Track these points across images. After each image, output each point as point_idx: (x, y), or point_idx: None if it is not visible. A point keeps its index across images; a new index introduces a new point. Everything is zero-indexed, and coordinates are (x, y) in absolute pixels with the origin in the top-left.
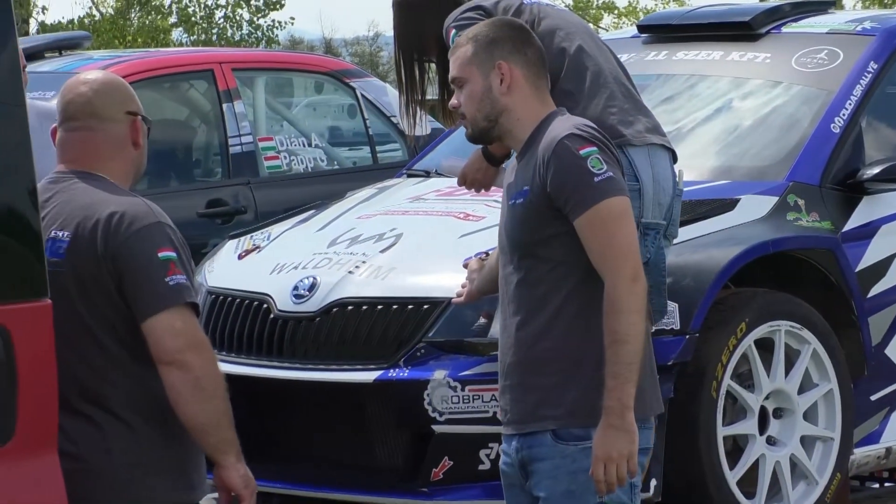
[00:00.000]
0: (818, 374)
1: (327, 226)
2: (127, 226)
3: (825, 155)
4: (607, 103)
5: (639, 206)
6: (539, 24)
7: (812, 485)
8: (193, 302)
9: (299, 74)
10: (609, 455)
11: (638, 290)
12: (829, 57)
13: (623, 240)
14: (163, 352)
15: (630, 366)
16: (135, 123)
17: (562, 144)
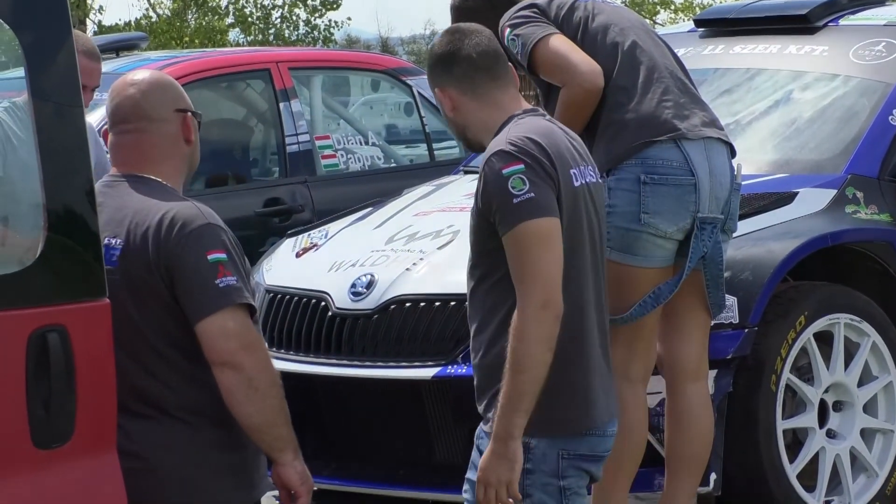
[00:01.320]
0: (878, 367)
1: (384, 223)
2: (178, 230)
3: (883, 147)
4: (662, 97)
5: (695, 200)
6: (593, 21)
7: (872, 477)
8: (246, 303)
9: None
10: (488, 480)
11: (545, 319)
12: (886, 49)
13: (535, 265)
14: (216, 353)
15: (523, 396)
16: (185, 121)
17: (489, 162)
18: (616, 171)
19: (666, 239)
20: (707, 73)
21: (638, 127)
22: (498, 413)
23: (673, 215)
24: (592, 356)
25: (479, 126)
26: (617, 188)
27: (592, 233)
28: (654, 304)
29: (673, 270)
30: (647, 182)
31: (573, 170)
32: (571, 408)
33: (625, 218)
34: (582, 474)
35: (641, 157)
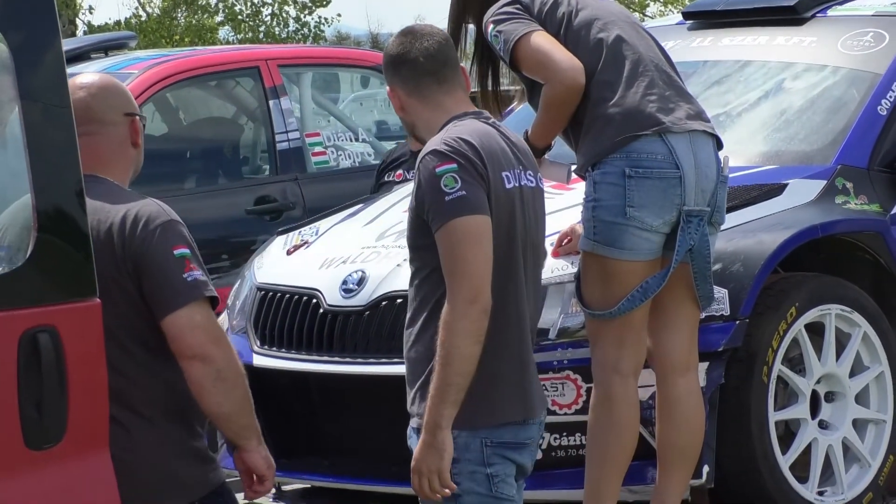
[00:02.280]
0: (869, 357)
1: (375, 220)
2: (142, 227)
3: (873, 137)
4: (646, 91)
5: (680, 193)
6: (576, 16)
7: (865, 468)
8: (211, 296)
9: (345, 69)
10: (420, 469)
11: (473, 314)
12: (875, 39)
13: (465, 261)
14: (185, 346)
15: (450, 387)
16: (134, 124)
17: (423, 161)
18: (601, 165)
19: (652, 232)
20: (696, 65)
21: (622, 121)
22: (428, 404)
23: (658, 208)
24: (516, 351)
25: (424, 124)
26: (602, 182)
27: (527, 234)
28: (643, 299)
29: (661, 264)
30: (632, 176)
31: (506, 172)
32: (489, 400)
33: (610, 212)
34: (507, 462)
35: (626, 151)
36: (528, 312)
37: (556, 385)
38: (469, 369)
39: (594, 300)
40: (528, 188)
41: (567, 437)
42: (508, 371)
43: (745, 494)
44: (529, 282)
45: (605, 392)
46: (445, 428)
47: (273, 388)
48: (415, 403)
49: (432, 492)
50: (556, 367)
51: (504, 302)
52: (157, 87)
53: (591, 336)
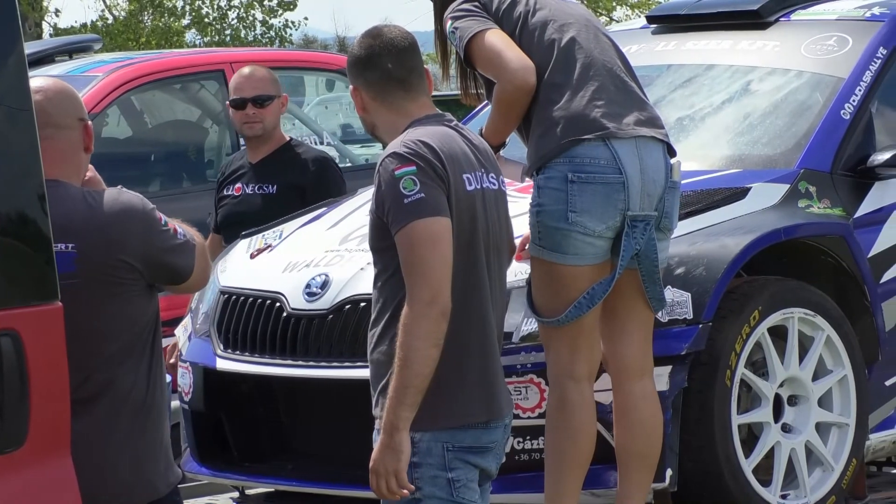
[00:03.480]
0: (832, 361)
1: (339, 223)
2: (129, 218)
3: (836, 141)
4: (594, 96)
5: (624, 199)
6: (533, 16)
7: (828, 471)
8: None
9: (310, 73)
10: (378, 470)
11: (432, 316)
12: (838, 44)
13: (423, 264)
14: (203, 284)
15: (408, 389)
16: (87, 129)
17: (383, 163)
18: (545, 169)
19: (596, 237)
20: (660, 69)
21: (567, 125)
22: (386, 406)
23: (601, 213)
24: (478, 353)
25: (384, 127)
26: (545, 187)
27: (489, 237)
28: (590, 305)
29: (609, 268)
30: (575, 181)
31: (467, 174)
32: (450, 403)
33: (553, 217)
34: (470, 467)
35: (569, 156)
36: (492, 314)
37: (519, 389)
38: (427, 371)
39: (543, 306)
40: (490, 190)
41: (530, 440)
42: (470, 373)
43: (708, 498)
44: (494, 284)
45: (561, 397)
46: (403, 429)
47: (237, 391)
48: (378, 405)
49: (390, 493)
50: (520, 370)
51: (466, 304)
52: (121, 90)
53: (545, 342)
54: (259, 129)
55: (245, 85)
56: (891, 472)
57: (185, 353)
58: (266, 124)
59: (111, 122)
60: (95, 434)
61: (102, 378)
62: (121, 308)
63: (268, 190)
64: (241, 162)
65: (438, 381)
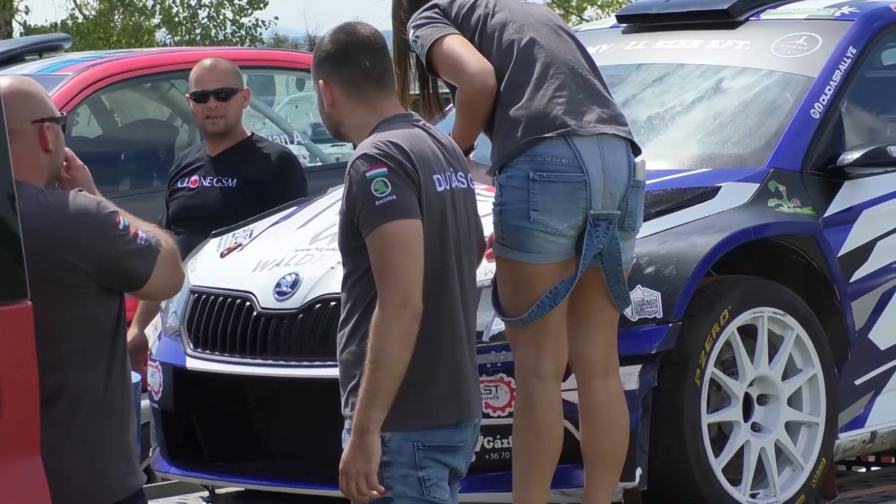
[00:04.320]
0: (802, 360)
1: (309, 222)
2: (83, 220)
3: (806, 141)
4: (555, 94)
5: (586, 197)
6: (492, 18)
7: (797, 470)
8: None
9: (280, 72)
10: (348, 472)
11: (403, 318)
12: (808, 43)
13: (394, 266)
14: (165, 297)
15: (378, 391)
16: (42, 131)
17: (354, 165)
18: (507, 168)
19: (558, 235)
20: (630, 68)
21: (528, 124)
22: (357, 407)
23: (563, 212)
24: (449, 354)
25: (355, 126)
26: (507, 185)
27: (459, 237)
28: (553, 304)
29: (573, 267)
30: (536, 179)
31: (437, 175)
32: (421, 403)
33: (515, 215)
34: (440, 466)
35: (531, 155)
36: (463, 314)
37: (489, 388)
38: (398, 373)
39: (508, 305)
40: (459, 190)
41: (500, 439)
42: (441, 374)
43: (677, 497)
44: (464, 284)
45: (527, 396)
46: (374, 431)
47: (206, 391)
48: (348, 406)
49: (360, 494)
50: (490, 369)
51: (437, 305)
52: (91, 89)
53: (511, 341)
54: (221, 125)
55: (207, 77)
56: (860, 472)
57: (155, 353)
58: (228, 119)
59: (81, 122)
60: (50, 436)
61: (55, 379)
62: (71, 309)
63: (227, 183)
64: (198, 154)
65: (409, 383)
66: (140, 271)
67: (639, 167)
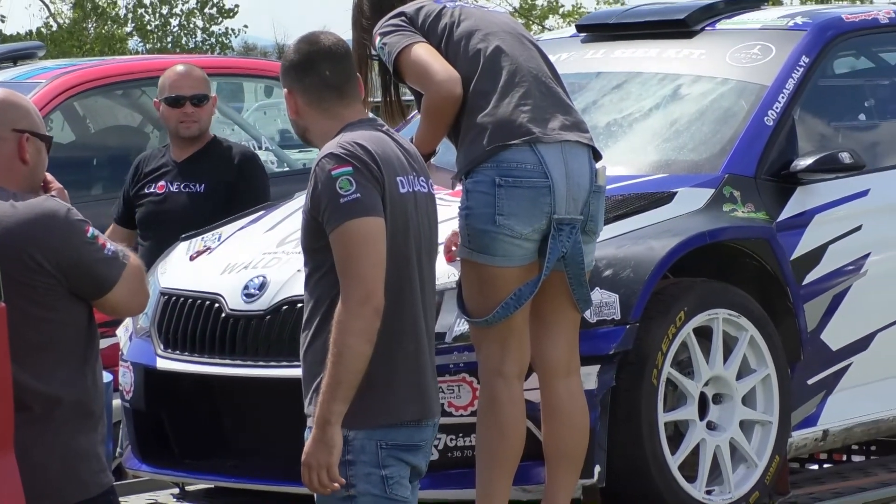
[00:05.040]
0: (756, 360)
1: (276, 226)
2: (51, 225)
3: (759, 147)
4: (520, 101)
5: (550, 202)
6: (458, 27)
7: (752, 467)
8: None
9: (249, 79)
10: (310, 463)
11: (365, 314)
12: (762, 52)
13: (357, 263)
14: (132, 312)
15: (340, 385)
16: (21, 141)
17: (320, 164)
18: (473, 173)
19: (523, 239)
20: (589, 76)
21: (494, 131)
22: (318, 401)
23: (528, 216)
24: (412, 352)
25: (316, 130)
26: (474, 190)
27: (421, 239)
28: (517, 306)
29: (536, 269)
30: (502, 184)
31: (400, 177)
32: (385, 401)
33: (481, 219)
34: (402, 464)
35: (497, 161)
36: (423, 314)
37: (452, 387)
38: (360, 368)
39: (473, 306)
40: (421, 194)
41: (463, 437)
42: (404, 371)
43: (635, 493)
44: (425, 285)
45: (491, 395)
46: (335, 424)
47: (176, 390)
48: (311, 403)
49: (321, 486)
50: (453, 369)
51: (399, 303)
52: (64, 95)
53: (475, 341)
54: (196, 129)
55: (183, 83)
56: (812, 469)
57: (126, 353)
58: (202, 124)
59: (55, 128)
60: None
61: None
62: (43, 312)
63: (195, 188)
64: (163, 160)
65: (372, 381)
66: (104, 278)
67: (600, 173)
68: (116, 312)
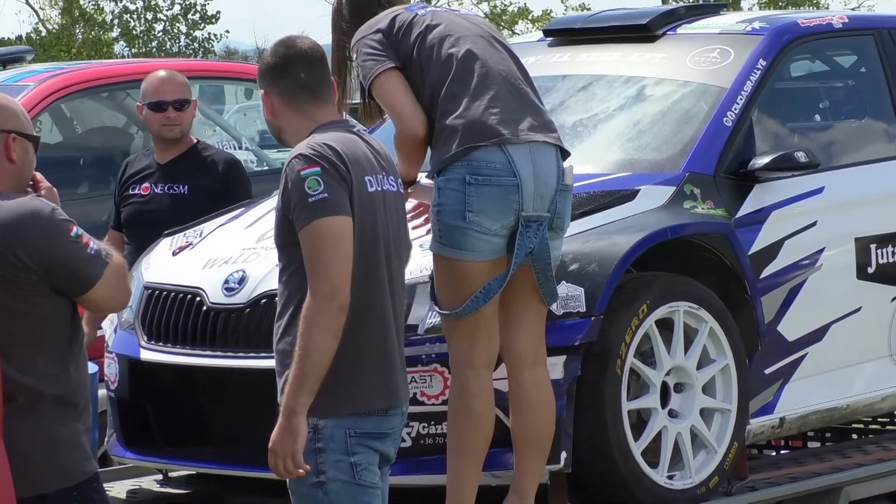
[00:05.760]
0: (715, 351)
1: (256, 222)
2: (35, 223)
3: (719, 147)
4: (490, 104)
5: (518, 200)
6: (430, 33)
7: (711, 453)
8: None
9: (230, 82)
10: (275, 450)
11: (330, 310)
12: (721, 55)
13: (324, 260)
14: (112, 308)
15: (307, 377)
16: (7, 141)
17: (290, 164)
18: (445, 172)
19: (492, 235)
20: (556, 79)
21: (465, 132)
22: (286, 391)
23: (497, 213)
24: (380, 344)
25: (293, 132)
26: (445, 188)
27: (388, 236)
28: (486, 299)
29: (505, 264)
30: (472, 183)
31: (369, 177)
32: (352, 392)
33: (452, 216)
34: (371, 451)
35: (467, 160)
36: (392, 307)
37: (424, 377)
38: (325, 361)
39: (444, 299)
40: (390, 192)
41: (435, 425)
42: (371, 363)
43: (600, 479)
44: (393, 279)
45: (461, 385)
46: (300, 414)
47: (159, 381)
48: (283, 393)
49: (287, 472)
50: (425, 360)
51: (367, 298)
52: (51, 98)
53: (447, 333)
54: (178, 132)
55: (166, 89)
56: (770, 455)
57: (111, 345)
58: (184, 127)
59: (43, 129)
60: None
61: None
62: (22, 307)
63: (179, 190)
64: (147, 161)
65: (341, 373)
66: (86, 276)
67: (567, 172)
68: (98, 309)
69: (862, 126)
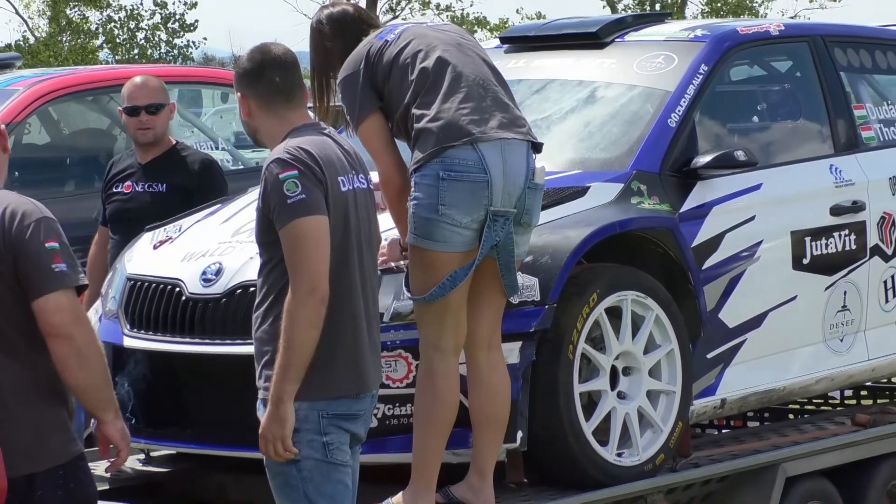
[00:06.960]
0: (661, 337)
1: (232, 218)
2: (19, 221)
3: (664, 146)
4: (461, 105)
5: (487, 196)
6: (402, 52)
7: (658, 432)
8: (77, 285)
9: (207, 87)
10: (265, 436)
11: (312, 303)
12: (665, 61)
13: (304, 257)
14: (51, 326)
15: (291, 367)
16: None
17: (269, 167)
18: (421, 168)
19: (462, 228)
20: (512, 83)
21: (439, 133)
22: (273, 381)
23: (468, 207)
24: (351, 333)
25: (266, 132)
26: (420, 183)
27: (360, 231)
28: (452, 286)
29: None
30: (445, 178)
31: (341, 177)
32: (325, 377)
33: (426, 209)
34: (342, 432)
35: (442, 157)
36: (363, 298)
37: (389, 362)
38: (308, 351)
39: (415, 286)
40: (360, 190)
41: (399, 407)
42: (342, 351)
43: (553, 457)
44: (364, 272)
45: (429, 367)
46: (287, 401)
47: (142, 366)
48: (261, 378)
49: (276, 455)
50: (390, 346)
51: (340, 291)
52: (40, 101)
53: (418, 319)
54: (151, 136)
55: (138, 94)
56: (713, 434)
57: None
58: (157, 130)
59: (32, 130)
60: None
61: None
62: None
63: (158, 188)
64: (129, 161)
65: (315, 359)
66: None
67: (538, 172)
68: (41, 322)
69: (797, 127)
